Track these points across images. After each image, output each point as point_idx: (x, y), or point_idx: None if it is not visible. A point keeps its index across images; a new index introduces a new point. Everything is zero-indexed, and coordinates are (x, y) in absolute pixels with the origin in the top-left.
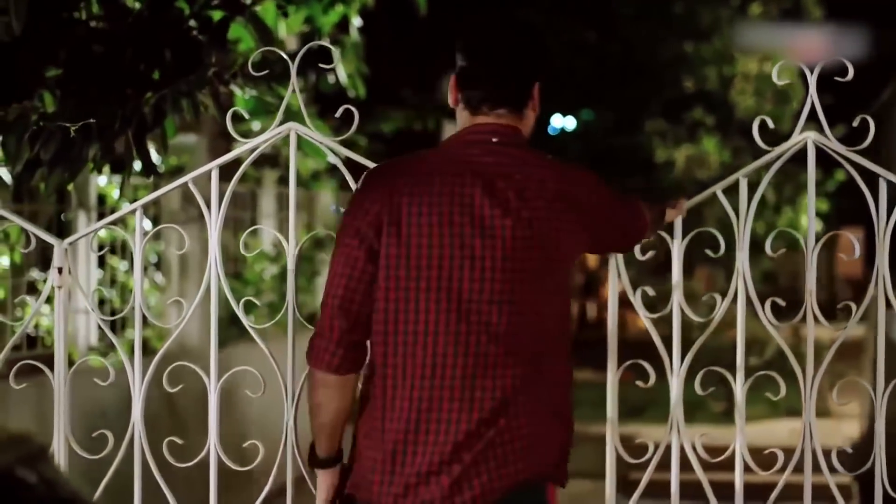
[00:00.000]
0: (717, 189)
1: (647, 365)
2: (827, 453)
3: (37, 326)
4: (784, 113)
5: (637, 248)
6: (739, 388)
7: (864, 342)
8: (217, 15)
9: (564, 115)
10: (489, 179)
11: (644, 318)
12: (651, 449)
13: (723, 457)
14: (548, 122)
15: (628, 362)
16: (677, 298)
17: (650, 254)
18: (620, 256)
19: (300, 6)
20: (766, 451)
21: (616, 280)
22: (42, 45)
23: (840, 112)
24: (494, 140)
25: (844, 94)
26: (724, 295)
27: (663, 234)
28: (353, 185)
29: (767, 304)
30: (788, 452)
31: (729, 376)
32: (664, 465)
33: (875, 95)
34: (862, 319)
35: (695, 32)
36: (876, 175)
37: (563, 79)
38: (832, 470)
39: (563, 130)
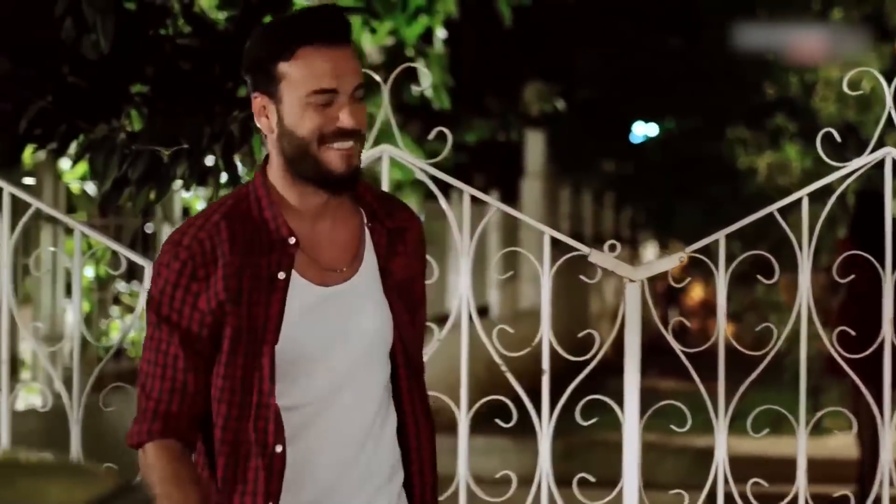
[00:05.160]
0: (773, 209)
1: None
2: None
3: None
4: (867, 120)
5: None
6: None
7: None
8: None
9: (647, 121)
10: None
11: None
12: None
13: None
14: (630, 130)
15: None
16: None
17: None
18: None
19: (384, 19)
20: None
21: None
22: (129, 63)
23: None
24: None
25: None
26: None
27: (710, 262)
28: (440, 198)
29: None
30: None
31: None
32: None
33: None
34: None
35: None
36: None
37: (645, 85)
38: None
39: (646, 138)
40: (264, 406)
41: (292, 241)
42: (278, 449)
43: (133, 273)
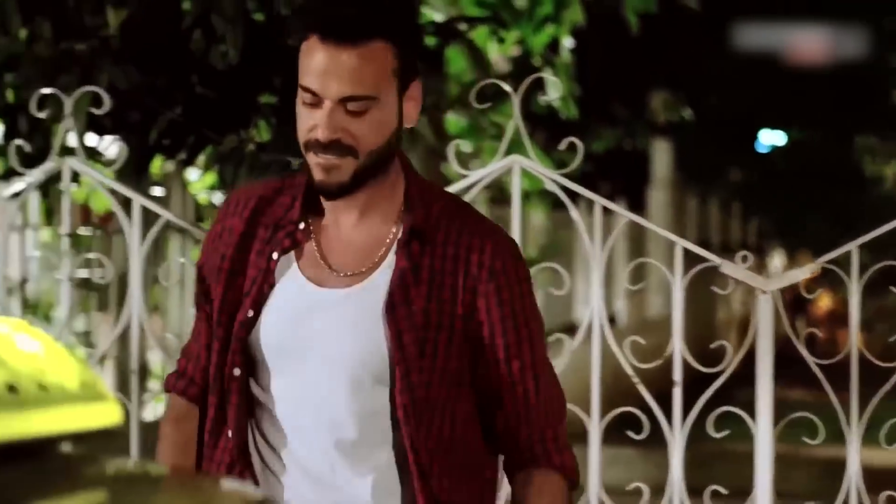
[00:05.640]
0: None
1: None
2: None
3: None
4: None
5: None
6: None
7: None
8: (431, 41)
9: (773, 130)
10: None
11: None
12: None
13: None
14: (756, 138)
15: None
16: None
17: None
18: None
19: (511, 28)
20: None
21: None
22: (258, 73)
23: None
24: None
25: None
26: None
27: (842, 272)
28: (571, 209)
29: None
30: None
31: None
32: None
33: None
34: None
35: None
36: None
37: (772, 93)
38: None
39: (772, 147)
40: (227, 389)
41: (302, 226)
42: (229, 433)
43: None
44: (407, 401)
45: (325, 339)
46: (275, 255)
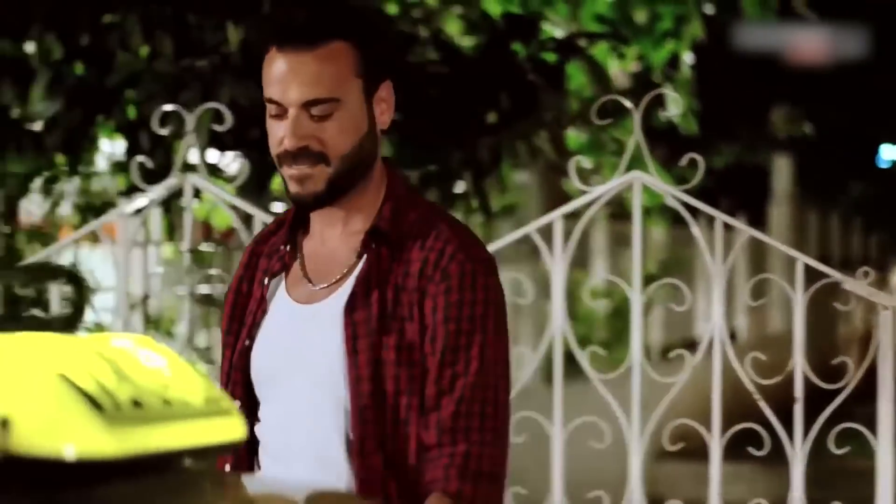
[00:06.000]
0: None
1: None
2: None
3: None
4: None
5: None
6: None
7: None
8: (552, 57)
9: (894, 144)
10: None
11: None
12: None
13: None
14: (877, 153)
15: None
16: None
17: None
18: None
19: (631, 43)
20: None
21: None
22: None
23: None
24: None
25: None
26: None
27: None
28: (692, 225)
29: None
30: None
31: None
32: None
33: None
34: None
35: None
36: None
37: (891, 108)
38: None
39: (893, 161)
40: None
41: (288, 247)
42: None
43: None
44: (355, 410)
45: (302, 357)
46: (266, 281)
